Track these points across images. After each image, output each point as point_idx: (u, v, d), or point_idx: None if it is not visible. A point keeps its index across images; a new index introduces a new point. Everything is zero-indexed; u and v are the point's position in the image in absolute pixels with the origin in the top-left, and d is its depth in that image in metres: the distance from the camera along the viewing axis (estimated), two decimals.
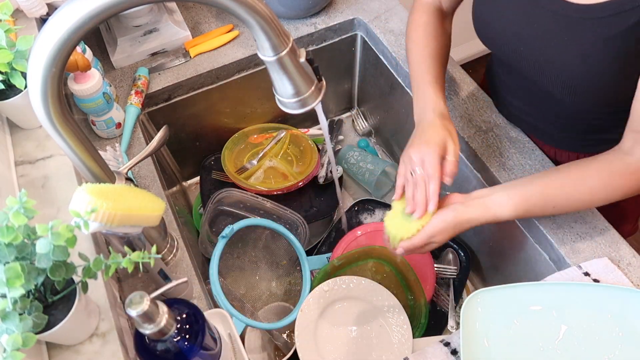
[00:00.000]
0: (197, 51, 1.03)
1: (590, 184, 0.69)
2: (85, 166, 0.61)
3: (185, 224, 0.99)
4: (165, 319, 0.51)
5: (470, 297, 0.70)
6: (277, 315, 0.92)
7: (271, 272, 0.97)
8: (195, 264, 0.84)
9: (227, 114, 1.12)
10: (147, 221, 0.64)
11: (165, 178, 0.99)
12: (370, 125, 1.27)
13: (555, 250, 0.77)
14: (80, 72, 0.82)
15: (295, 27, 1.08)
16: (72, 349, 0.64)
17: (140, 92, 0.96)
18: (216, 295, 0.82)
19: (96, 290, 0.68)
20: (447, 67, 0.98)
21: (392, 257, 0.91)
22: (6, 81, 0.74)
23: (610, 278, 0.72)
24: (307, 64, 0.58)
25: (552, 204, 0.71)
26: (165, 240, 0.79)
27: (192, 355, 0.56)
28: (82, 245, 0.71)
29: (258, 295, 0.94)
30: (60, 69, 0.50)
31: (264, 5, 0.50)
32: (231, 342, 0.76)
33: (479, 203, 0.71)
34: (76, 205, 0.54)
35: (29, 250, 0.54)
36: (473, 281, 1.06)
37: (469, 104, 0.93)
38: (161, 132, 0.78)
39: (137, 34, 1.02)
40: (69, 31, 0.47)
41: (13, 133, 0.85)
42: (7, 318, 0.51)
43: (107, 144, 0.92)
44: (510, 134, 0.89)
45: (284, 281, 0.96)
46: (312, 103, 0.62)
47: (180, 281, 0.68)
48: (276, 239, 0.96)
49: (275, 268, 0.97)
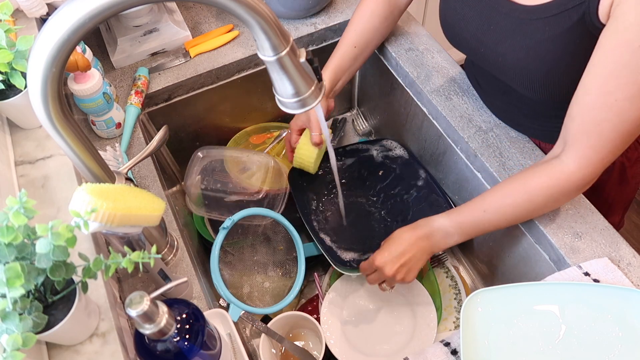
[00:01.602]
0: (197, 51, 1.03)
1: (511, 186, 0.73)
2: (85, 166, 0.61)
3: (185, 224, 0.99)
4: (165, 319, 0.51)
5: (470, 297, 0.70)
6: (274, 300, 0.93)
7: (268, 258, 0.98)
8: (195, 264, 0.84)
9: (227, 114, 1.12)
10: (147, 221, 0.64)
11: (165, 178, 0.99)
12: (370, 125, 1.27)
13: (555, 250, 0.77)
14: (80, 72, 0.82)
15: (295, 27, 1.08)
16: (72, 349, 0.64)
17: (140, 92, 0.96)
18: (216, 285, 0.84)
19: (96, 290, 0.68)
20: (447, 67, 0.99)
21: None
22: (6, 81, 0.74)
23: (610, 278, 0.72)
24: (307, 64, 0.58)
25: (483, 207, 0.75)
26: (165, 240, 0.79)
27: (192, 355, 0.56)
28: (82, 245, 0.71)
29: (257, 282, 0.96)
30: (60, 69, 0.50)
31: (264, 5, 0.50)
32: (231, 342, 0.76)
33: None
34: (76, 205, 0.54)
35: (29, 250, 0.54)
36: (473, 281, 1.06)
37: (469, 104, 0.93)
38: (161, 132, 0.78)
39: (137, 34, 1.02)
40: (69, 31, 0.47)
41: (13, 133, 0.85)
42: (7, 318, 0.51)
43: (107, 144, 0.92)
44: (510, 134, 0.89)
45: (281, 267, 0.98)
46: (312, 103, 0.62)
47: (180, 281, 0.68)
48: (274, 226, 0.97)
49: (272, 254, 0.98)
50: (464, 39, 0.80)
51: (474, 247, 1.03)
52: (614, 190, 0.93)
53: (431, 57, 1.00)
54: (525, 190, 0.72)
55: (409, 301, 0.92)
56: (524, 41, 0.70)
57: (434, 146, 1.00)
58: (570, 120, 0.67)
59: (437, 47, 1.02)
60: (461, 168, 0.93)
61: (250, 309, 0.85)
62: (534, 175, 0.71)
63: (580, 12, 0.63)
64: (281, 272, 0.97)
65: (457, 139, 0.92)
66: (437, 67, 0.99)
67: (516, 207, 0.73)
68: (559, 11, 0.65)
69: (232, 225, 0.89)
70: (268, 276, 0.96)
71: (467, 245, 1.06)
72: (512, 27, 0.71)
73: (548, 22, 0.67)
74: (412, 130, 1.06)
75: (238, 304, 0.84)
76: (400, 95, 1.05)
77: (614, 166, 0.89)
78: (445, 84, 0.96)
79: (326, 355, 0.85)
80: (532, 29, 0.69)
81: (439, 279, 1.00)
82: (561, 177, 0.69)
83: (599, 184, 0.90)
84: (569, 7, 0.64)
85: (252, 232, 0.97)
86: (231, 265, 0.94)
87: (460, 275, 1.02)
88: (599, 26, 0.62)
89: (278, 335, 0.85)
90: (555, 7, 0.66)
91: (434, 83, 0.97)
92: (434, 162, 1.03)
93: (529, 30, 0.69)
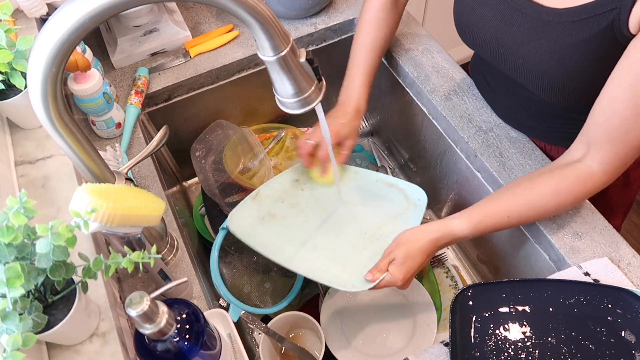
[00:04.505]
0: (197, 51, 1.03)
1: (542, 190, 0.71)
2: (85, 166, 0.61)
3: (185, 224, 0.99)
4: (165, 319, 0.51)
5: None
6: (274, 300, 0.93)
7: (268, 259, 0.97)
8: (195, 264, 0.84)
9: (227, 114, 1.12)
10: (147, 221, 0.64)
11: (165, 178, 0.99)
12: (370, 125, 1.27)
13: (555, 250, 0.77)
14: (80, 72, 0.82)
15: (295, 27, 1.08)
16: (72, 349, 0.64)
17: (140, 92, 0.96)
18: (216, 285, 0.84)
19: (96, 290, 0.68)
20: (447, 67, 0.99)
21: None
22: (6, 81, 0.74)
23: (610, 278, 0.72)
24: (307, 64, 0.58)
25: (507, 213, 0.72)
26: (165, 240, 0.79)
27: (192, 355, 0.56)
28: (82, 245, 0.71)
29: (257, 282, 0.95)
30: (60, 69, 0.50)
31: (264, 6, 0.50)
32: (231, 342, 0.76)
33: (436, 221, 0.75)
34: (76, 205, 0.54)
35: (29, 250, 0.54)
36: (473, 281, 1.06)
37: (469, 104, 0.93)
38: (161, 132, 0.78)
39: (137, 34, 1.02)
40: (69, 31, 0.47)
41: (13, 133, 0.85)
42: (7, 318, 0.51)
43: (107, 144, 0.92)
44: (510, 134, 0.89)
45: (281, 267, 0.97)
46: (312, 103, 0.62)
47: (180, 281, 0.68)
48: None
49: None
50: (481, 38, 0.79)
51: (474, 247, 1.03)
52: (617, 193, 0.93)
53: (431, 57, 1.00)
54: (556, 195, 0.71)
55: (409, 301, 0.92)
56: (548, 44, 0.69)
57: (434, 146, 1.00)
58: (596, 127, 0.67)
59: (437, 47, 1.02)
60: (461, 168, 0.94)
61: (250, 309, 0.85)
62: (564, 180, 0.70)
63: (610, 19, 0.62)
64: (281, 272, 0.97)
65: (457, 139, 0.92)
66: (437, 67, 0.99)
67: (544, 212, 0.73)
68: (587, 16, 0.64)
69: None
70: (268, 276, 0.96)
71: (467, 245, 1.07)
72: (536, 29, 0.70)
73: (575, 26, 0.66)
74: (412, 130, 1.06)
75: (238, 304, 0.84)
76: (400, 95, 1.05)
77: None
78: (445, 84, 0.96)
79: (326, 355, 0.85)
80: (558, 32, 0.68)
81: (439, 279, 1.00)
82: (589, 183, 0.69)
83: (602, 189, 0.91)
84: (599, 12, 0.63)
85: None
86: (231, 265, 0.94)
87: (460, 275, 1.02)
88: (628, 35, 0.62)
89: (278, 335, 0.85)
90: (584, 12, 0.65)
91: (434, 83, 0.97)
92: (434, 162, 1.03)
93: (554, 33, 0.68)
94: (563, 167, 0.71)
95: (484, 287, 0.72)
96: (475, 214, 0.73)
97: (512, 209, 0.72)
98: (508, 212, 0.72)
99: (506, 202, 0.72)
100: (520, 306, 0.70)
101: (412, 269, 0.72)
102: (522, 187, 0.72)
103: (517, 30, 0.73)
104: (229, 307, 0.84)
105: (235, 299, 0.84)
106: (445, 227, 0.73)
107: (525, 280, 0.72)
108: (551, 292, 0.70)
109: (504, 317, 0.69)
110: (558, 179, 0.70)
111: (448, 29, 0.91)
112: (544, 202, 0.71)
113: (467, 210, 0.74)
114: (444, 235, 0.73)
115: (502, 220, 0.72)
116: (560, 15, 0.67)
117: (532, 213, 0.72)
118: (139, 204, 0.62)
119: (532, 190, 0.71)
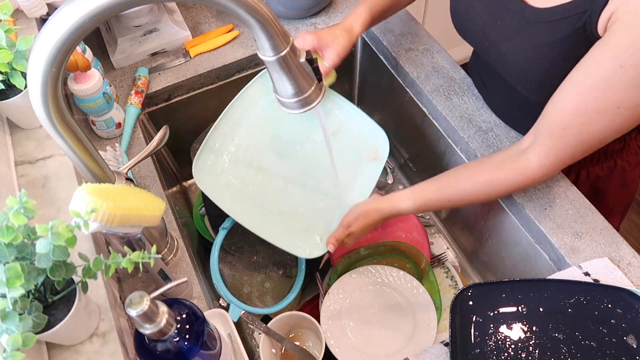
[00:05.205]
0: (197, 51, 1.03)
1: (478, 179, 0.75)
2: (85, 166, 0.61)
3: (185, 224, 0.99)
4: (165, 319, 0.51)
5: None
6: (274, 300, 0.93)
7: (268, 257, 0.98)
8: (195, 264, 0.84)
9: None
10: (147, 221, 0.64)
11: (165, 178, 0.99)
12: None
13: (555, 250, 0.77)
14: (80, 72, 0.82)
15: (295, 27, 1.08)
16: (72, 349, 0.64)
17: (140, 92, 0.96)
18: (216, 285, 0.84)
19: (96, 290, 0.68)
20: (447, 67, 0.99)
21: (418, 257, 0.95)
22: (6, 81, 0.74)
23: (610, 278, 0.72)
24: (307, 64, 0.58)
25: (447, 197, 0.78)
26: (165, 240, 0.79)
27: (192, 355, 0.56)
28: (82, 245, 0.71)
29: (257, 282, 0.96)
30: (60, 69, 0.50)
31: (264, 6, 0.50)
32: (231, 342, 0.76)
33: (386, 197, 0.83)
34: (76, 205, 0.54)
35: (29, 250, 0.54)
36: (474, 281, 1.06)
37: (469, 104, 0.93)
38: (161, 132, 0.78)
39: (137, 34, 1.02)
40: (69, 31, 0.47)
41: (13, 133, 0.85)
42: (7, 318, 0.51)
43: (107, 144, 0.92)
44: (510, 134, 0.89)
45: (281, 267, 0.98)
46: (312, 103, 0.62)
47: (180, 281, 0.68)
48: None
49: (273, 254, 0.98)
50: (470, 30, 0.81)
51: (474, 247, 1.03)
52: (615, 194, 0.94)
53: (431, 57, 1.01)
54: (490, 184, 0.75)
55: (409, 301, 0.92)
56: (526, 42, 0.71)
57: (434, 146, 1.00)
58: (543, 117, 0.69)
59: (437, 47, 1.02)
60: None
61: (250, 309, 0.85)
62: (499, 170, 0.73)
63: (582, 20, 0.64)
64: (281, 272, 0.97)
65: (457, 139, 0.92)
66: (437, 67, 0.99)
67: (478, 198, 0.77)
68: (562, 17, 0.66)
69: (232, 225, 0.89)
70: (268, 276, 0.96)
71: (467, 245, 1.07)
72: (517, 27, 0.72)
73: (551, 26, 0.67)
74: (412, 130, 1.06)
75: (238, 304, 0.84)
76: (401, 95, 1.05)
77: (615, 170, 0.89)
78: (445, 84, 0.96)
79: (326, 355, 0.85)
80: (536, 30, 0.69)
81: (439, 279, 1.00)
82: (524, 173, 0.72)
83: (600, 189, 0.91)
84: (572, 14, 0.65)
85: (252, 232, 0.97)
86: (231, 265, 0.94)
87: (460, 275, 1.02)
88: (597, 37, 0.63)
89: (278, 335, 0.85)
90: (560, 12, 0.66)
91: (434, 83, 0.97)
92: (434, 162, 1.03)
93: (532, 32, 0.70)
94: (504, 158, 0.74)
95: (484, 287, 0.72)
96: (420, 197, 0.80)
97: (451, 197, 0.78)
98: (448, 198, 0.78)
99: (447, 190, 0.78)
100: (521, 306, 0.70)
101: (363, 238, 0.87)
102: (463, 177, 0.77)
103: (501, 26, 0.74)
104: (229, 307, 0.84)
105: (235, 299, 0.84)
106: (395, 208, 0.82)
107: (525, 280, 0.72)
108: (551, 292, 0.70)
109: (504, 317, 0.69)
110: (494, 170, 0.74)
111: (448, 29, 0.91)
112: (479, 191, 0.76)
113: (414, 192, 0.81)
114: (392, 213, 0.83)
115: (443, 204, 0.80)
116: (539, 15, 0.69)
117: (468, 200, 0.78)
118: (139, 204, 0.62)
119: (469, 181, 0.76)
